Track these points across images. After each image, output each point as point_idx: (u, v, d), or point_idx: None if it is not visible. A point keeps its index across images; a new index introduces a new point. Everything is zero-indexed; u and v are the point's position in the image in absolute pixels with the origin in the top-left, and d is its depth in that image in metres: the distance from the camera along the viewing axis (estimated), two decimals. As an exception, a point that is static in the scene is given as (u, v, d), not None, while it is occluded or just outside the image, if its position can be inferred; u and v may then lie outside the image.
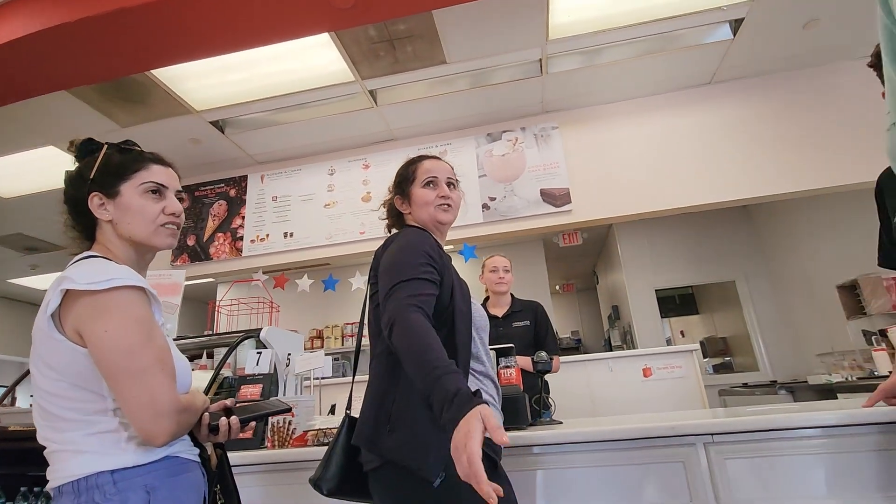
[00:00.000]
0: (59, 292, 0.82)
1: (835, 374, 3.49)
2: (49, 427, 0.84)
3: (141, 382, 0.81)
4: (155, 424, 0.80)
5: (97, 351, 0.81)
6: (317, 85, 3.03)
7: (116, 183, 0.96)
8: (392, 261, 1.08)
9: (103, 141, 1.02)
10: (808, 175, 3.04)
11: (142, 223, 0.96)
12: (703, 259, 5.16)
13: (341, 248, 3.49)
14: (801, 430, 1.28)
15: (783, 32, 2.84)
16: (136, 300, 0.85)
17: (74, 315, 0.82)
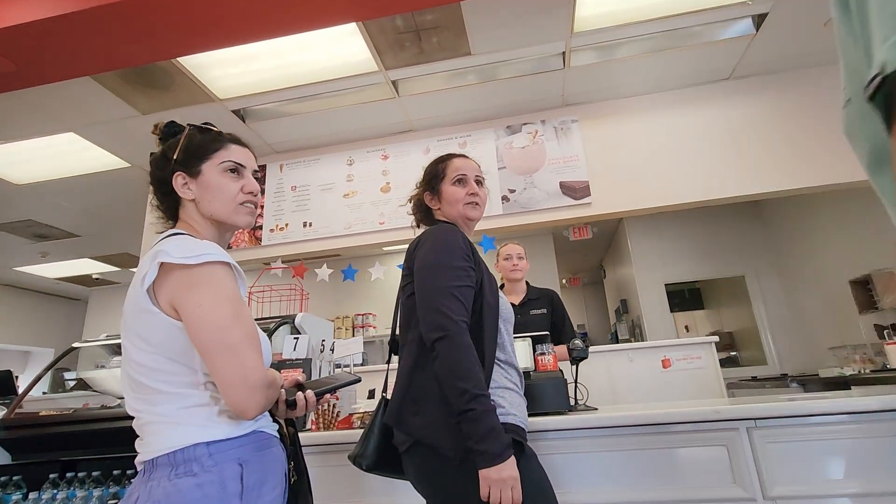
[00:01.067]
0: (156, 265, 0.84)
1: (846, 367, 3.55)
2: (140, 399, 0.87)
3: (233, 357, 0.82)
4: (248, 398, 0.82)
5: (191, 325, 0.83)
6: (340, 75, 3.04)
7: (198, 163, 0.99)
8: (431, 260, 1.15)
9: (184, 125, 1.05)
10: (820, 171, 3.07)
11: (222, 201, 0.99)
12: (713, 254, 5.20)
13: (361, 237, 3.51)
14: (841, 415, 1.32)
15: (804, 29, 2.86)
16: (226, 275, 0.88)
17: (169, 288, 0.84)
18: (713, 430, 1.39)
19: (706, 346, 2.90)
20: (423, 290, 1.12)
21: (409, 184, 3.53)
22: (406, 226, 3.61)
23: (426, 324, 1.07)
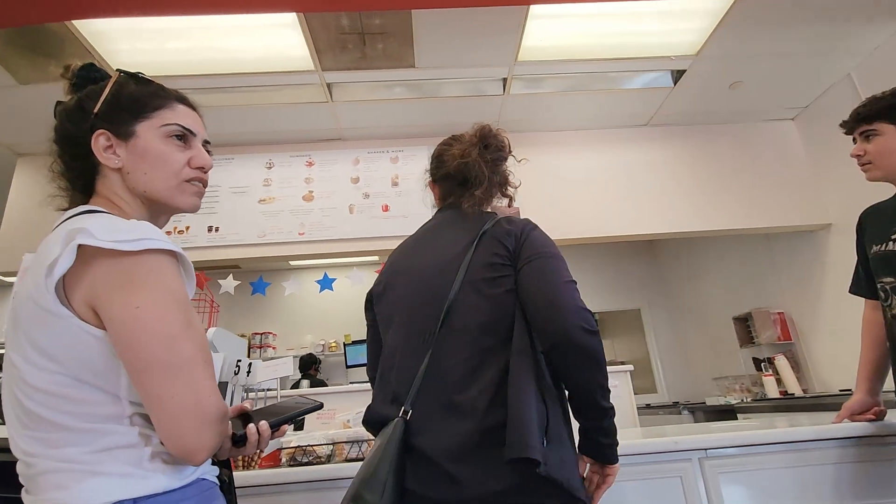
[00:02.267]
0: (72, 250, 0.60)
1: (729, 396, 3.92)
2: (35, 438, 0.61)
3: (184, 378, 0.61)
4: (198, 435, 0.61)
5: (123, 334, 0.60)
6: (270, 69, 2.78)
7: (131, 121, 0.76)
8: (556, 252, 1.00)
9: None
10: (712, 217, 3.41)
11: (163, 175, 0.76)
12: (614, 287, 5.57)
13: (276, 248, 3.18)
14: (785, 444, 1.38)
15: (714, 89, 3.20)
16: (173, 269, 0.66)
17: (90, 282, 0.61)
18: (669, 461, 1.37)
19: (622, 374, 3.00)
20: (558, 280, 0.94)
21: (333, 194, 3.33)
22: (330, 238, 3.35)
23: (573, 315, 0.90)
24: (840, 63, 3.04)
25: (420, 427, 0.90)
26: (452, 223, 1.11)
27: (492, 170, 1.11)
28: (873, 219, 1.38)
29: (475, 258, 1.00)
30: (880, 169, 1.29)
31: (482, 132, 1.13)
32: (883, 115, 1.26)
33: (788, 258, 3.71)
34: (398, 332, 1.03)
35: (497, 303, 0.96)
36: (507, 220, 1.06)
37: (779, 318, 3.72)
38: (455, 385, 0.91)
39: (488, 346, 0.94)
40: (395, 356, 1.01)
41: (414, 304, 1.03)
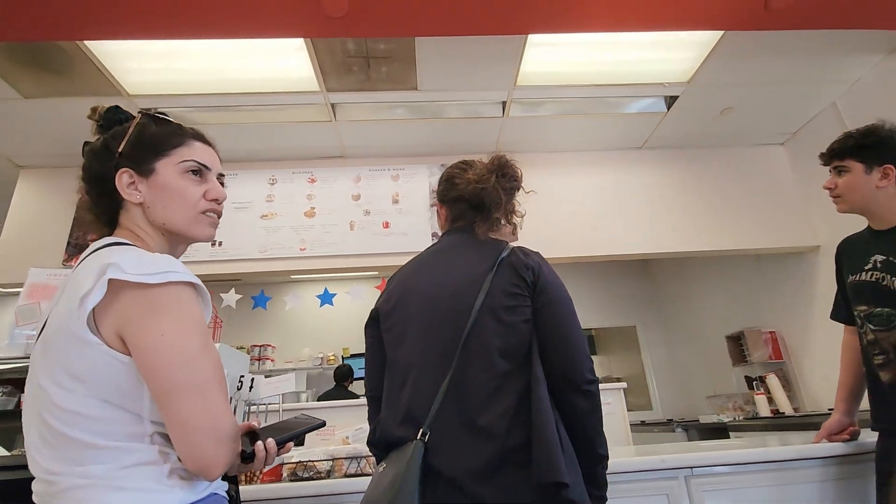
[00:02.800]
0: (104, 283, 0.66)
1: (722, 414, 3.96)
2: (61, 457, 0.66)
3: (203, 399, 0.67)
4: (215, 452, 0.67)
5: (149, 358, 0.66)
6: (276, 89, 2.86)
7: (152, 159, 0.82)
8: (566, 295, 1.07)
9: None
10: (705, 238, 3.49)
11: (181, 208, 0.83)
12: (610, 304, 5.63)
13: (277, 263, 3.24)
14: (768, 462, 1.43)
15: (706, 115, 3.31)
16: (193, 299, 0.73)
17: (119, 313, 0.67)
18: (656, 479, 1.42)
19: (615, 392, 3.05)
20: (574, 328, 1.03)
21: (335, 210, 3.41)
22: (331, 254, 3.42)
23: (583, 363, 0.99)
24: (826, 92, 3.16)
25: (439, 447, 0.91)
26: (466, 247, 1.13)
27: (507, 198, 1.16)
28: (849, 250, 1.46)
29: (494, 284, 1.02)
30: (847, 203, 1.38)
31: (500, 161, 1.17)
32: (852, 153, 1.34)
33: (779, 279, 3.79)
34: (413, 349, 1.03)
35: (515, 330, 1.00)
36: (522, 252, 1.10)
37: (770, 338, 3.78)
38: (477, 406, 0.93)
39: (506, 371, 0.97)
40: (410, 374, 1.01)
41: (431, 322, 1.03)
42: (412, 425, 0.94)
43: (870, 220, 1.40)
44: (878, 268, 1.32)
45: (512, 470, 0.89)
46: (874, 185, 1.32)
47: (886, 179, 1.31)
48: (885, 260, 1.31)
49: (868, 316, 1.33)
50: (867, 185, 1.33)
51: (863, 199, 1.35)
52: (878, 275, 1.31)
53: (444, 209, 1.24)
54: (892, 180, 1.31)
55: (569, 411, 0.97)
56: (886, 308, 1.28)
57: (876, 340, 1.31)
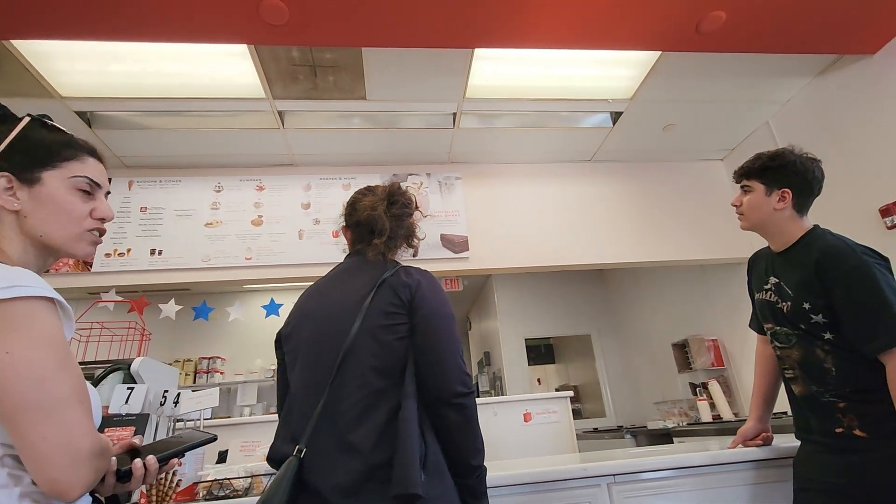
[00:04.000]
0: None
1: (668, 420, 4.07)
2: None
3: (55, 419, 0.64)
4: (71, 472, 0.64)
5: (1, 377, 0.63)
6: (220, 95, 2.80)
7: (38, 168, 0.79)
8: (447, 311, 1.10)
9: None
10: (651, 248, 3.61)
11: (64, 224, 0.79)
12: (566, 313, 5.73)
13: (222, 272, 3.15)
14: (688, 468, 1.47)
15: (649, 130, 3.43)
16: (49, 314, 0.69)
17: None
18: (580, 486, 1.44)
19: (562, 400, 3.09)
20: (446, 342, 1.06)
21: (283, 219, 3.35)
22: (276, 263, 3.35)
23: (454, 377, 1.03)
24: (759, 111, 3.33)
25: (314, 465, 0.96)
26: (357, 270, 1.19)
27: (396, 223, 1.21)
28: (755, 267, 1.53)
29: (373, 305, 1.08)
30: (748, 221, 1.44)
31: (390, 189, 1.24)
32: (757, 174, 1.40)
33: (720, 288, 3.95)
34: (301, 373, 1.09)
35: (390, 349, 1.04)
36: (405, 272, 1.15)
37: (713, 345, 3.93)
38: (348, 424, 0.97)
39: (380, 389, 1.01)
40: (298, 396, 1.06)
41: (315, 346, 1.09)
42: (293, 443, 1.00)
43: (768, 241, 1.46)
44: (772, 290, 1.38)
45: (375, 485, 0.92)
46: (772, 207, 1.37)
47: (783, 202, 1.36)
48: (777, 283, 1.37)
49: (773, 333, 1.40)
50: (766, 206, 1.38)
51: (761, 219, 1.40)
52: (772, 296, 1.38)
53: (349, 233, 1.29)
54: (788, 204, 1.36)
55: (440, 424, 1.02)
56: (784, 328, 1.35)
57: (782, 356, 1.38)
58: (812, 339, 1.27)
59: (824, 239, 1.31)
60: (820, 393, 1.27)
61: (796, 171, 1.37)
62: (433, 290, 1.13)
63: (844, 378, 1.22)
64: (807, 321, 1.27)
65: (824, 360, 1.25)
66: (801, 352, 1.31)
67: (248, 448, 1.60)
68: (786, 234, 1.39)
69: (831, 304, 1.22)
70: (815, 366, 1.27)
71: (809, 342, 1.28)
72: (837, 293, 1.20)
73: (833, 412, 1.24)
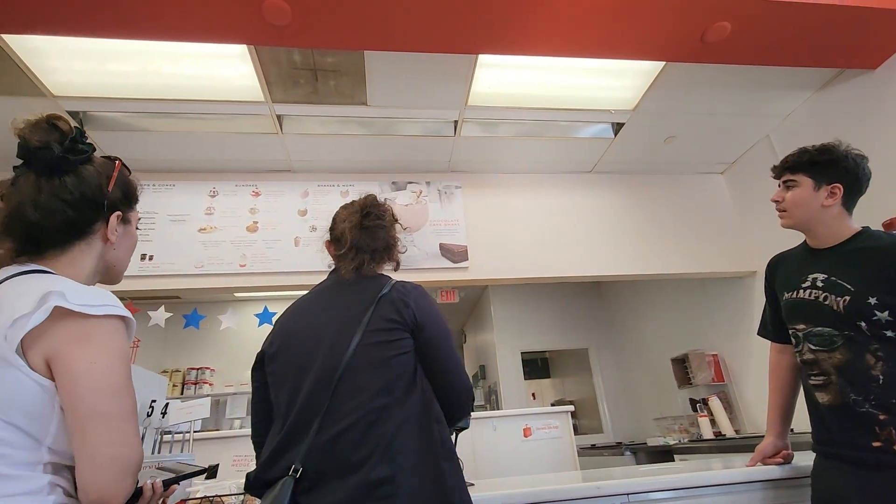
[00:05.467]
0: (47, 309, 0.69)
1: (668, 436, 4.00)
2: None
3: (120, 430, 0.70)
4: (120, 482, 0.69)
5: (78, 385, 0.69)
6: (218, 97, 2.74)
7: (131, 208, 0.94)
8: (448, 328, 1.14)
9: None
10: (650, 261, 3.57)
11: (129, 257, 0.94)
12: (564, 326, 5.66)
13: (215, 279, 3.06)
14: (702, 488, 1.40)
15: (651, 142, 3.41)
16: (123, 333, 0.77)
17: (54, 338, 0.70)
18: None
19: (563, 415, 3.02)
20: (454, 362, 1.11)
21: (279, 225, 3.27)
22: (271, 271, 3.27)
23: (463, 396, 1.11)
24: (760, 125, 3.33)
25: (310, 485, 0.91)
26: (345, 286, 1.16)
27: (369, 236, 1.18)
28: (783, 266, 1.46)
29: (372, 322, 1.06)
30: (792, 217, 1.37)
31: (364, 202, 1.23)
32: (805, 168, 1.34)
33: (720, 302, 3.91)
34: (292, 393, 1.03)
35: (392, 365, 1.03)
36: (401, 286, 1.14)
37: (713, 360, 3.87)
38: (349, 444, 0.94)
39: (382, 406, 0.98)
40: (288, 417, 1.00)
41: (309, 364, 1.04)
42: (285, 464, 0.94)
43: (808, 238, 1.39)
44: (819, 286, 1.29)
45: (375, 502, 0.88)
46: (820, 203, 1.31)
47: (832, 198, 1.31)
48: (826, 279, 1.28)
49: (807, 335, 1.31)
50: (814, 201, 1.32)
51: (807, 216, 1.34)
52: (817, 293, 1.29)
53: (332, 247, 1.27)
54: (837, 199, 1.31)
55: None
56: (827, 328, 1.26)
57: (815, 360, 1.28)
58: (864, 342, 1.19)
59: (891, 236, 1.25)
60: (859, 402, 1.18)
61: (847, 167, 1.31)
62: (431, 307, 1.14)
63: (891, 387, 1.15)
64: (868, 318, 1.19)
65: (873, 367, 1.17)
66: (845, 355, 1.22)
67: (241, 462, 1.51)
68: (834, 231, 1.32)
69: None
70: (860, 372, 1.19)
71: (859, 345, 1.20)
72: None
73: (871, 424, 1.16)
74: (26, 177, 0.80)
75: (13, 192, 0.79)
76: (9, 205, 0.78)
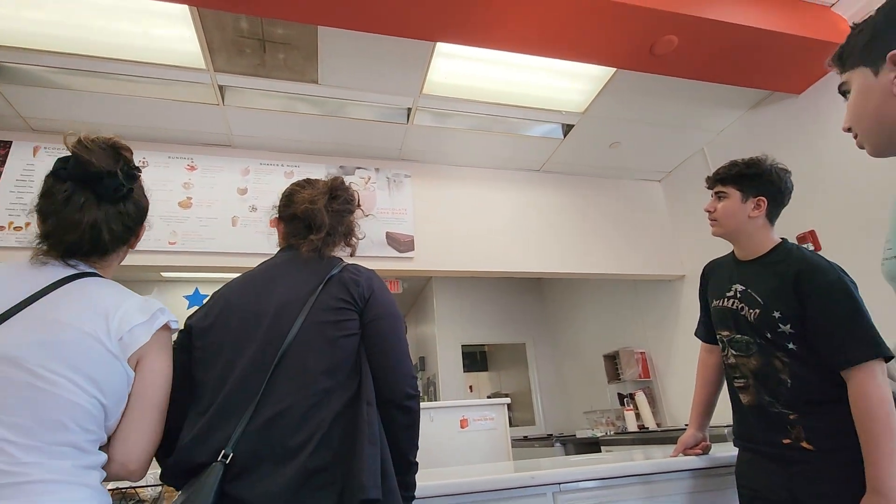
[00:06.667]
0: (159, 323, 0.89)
1: (596, 429, 4.18)
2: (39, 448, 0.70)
3: (160, 420, 0.88)
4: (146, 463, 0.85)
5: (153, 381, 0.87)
6: (152, 60, 2.53)
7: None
8: (398, 312, 1.10)
9: None
10: (590, 261, 3.70)
11: None
12: (504, 321, 5.77)
13: (139, 256, 2.84)
14: (629, 477, 1.47)
15: (598, 146, 3.53)
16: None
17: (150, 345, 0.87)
18: (526, 496, 1.39)
19: (500, 407, 3.07)
20: (400, 344, 1.07)
21: (216, 202, 3.09)
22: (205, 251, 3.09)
23: (406, 380, 1.04)
24: (697, 138, 3.53)
25: (241, 472, 0.85)
26: (297, 265, 1.12)
27: (336, 220, 1.16)
28: (715, 273, 1.55)
29: (320, 301, 1.03)
30: (722, 227, 1.45)
31: (333, 183, 1.20)
32: (734, 180, 1.42)
33: (650, 303, 4.13)
34: (224, 371, 0.96)
35: (338, 347, 1.00)
36: (353, 268, 1.12)
37: (641, 357, 4.09)
38: (288, 427, 0.90)
39: (326, 388, 0.95)
40: (218, 397, 0.93)
41: (249, 342, 0.98)
42: (212, 449, 0.88)
43: (736, 248, 1.48)
44: (739, 297, 1.38)
45: (310, 491, 0.85)
46: (747, 214, 1.40)
47: (758, 210, 1.39)
48: (744, 291, 1.37)
49: (730, 341, 1.40)
50: (741, 212, 1.40)
51: (735, 226, 1.42)
52: (737, 304, 1.38)
53: (282, 225, 1.23)
54: (762, 212, 1.39)
55: (388, 425, 1.00)
56: (745, 336, 1.35)
57: (737, 365, 1.38)
58: (773, 350, 1.29)
59: (802, 252, 1.34)
60: (771, 403, 1.29)
61: (772, 180, 1.40)
62: (384, 289, 1.12)
63: (798, 391, 1.25)
64: (773, 330, 1.28)
65: (781, 371, 1.27)
66: (759, 361, 1.32)
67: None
68: (757, 243, 1.40)
69: (803, 316, 1.23)
70: (770, 376, 1.29)
71: (769, 352, 1.30)
72: (815, 305, 1.22)
73: (782, 423, 1.26)
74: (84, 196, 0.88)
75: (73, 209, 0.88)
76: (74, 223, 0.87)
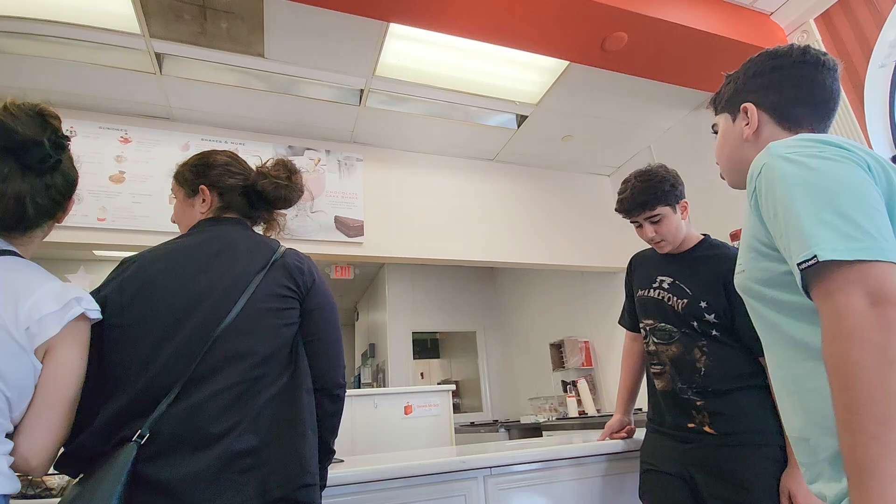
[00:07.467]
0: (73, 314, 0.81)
1: (539, 414, 4.31)
2: None
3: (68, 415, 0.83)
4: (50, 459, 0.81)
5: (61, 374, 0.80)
6: (82, 21, 2.35)
7: None
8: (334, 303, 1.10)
9: None
10: (539, 251, 3.78)
11: None
12: (455, 309, 5.82)
13: (64, 233, 2.65)
14: (557, 461, 1.51)
15: (550, 138, 3.58)
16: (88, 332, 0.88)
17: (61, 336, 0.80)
18: (457, 479, 1.41)
19: (444, 394, 3.10)
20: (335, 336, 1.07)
21: (151, 178, 2.92)
22: (137, 229, 2.93)
23: (339, 369, 1.05)
24: (644, 135, 3.64)
25: (159, 453, 0.81)
26: (234, 242, 1.05)
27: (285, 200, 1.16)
28: (641, 266, 1.61)
29: (263, 286, 0.99)
30: (671, 243, 1.49)
31: (293, 165, 1.18)
32: (661, 200, 1.45)
33: (595, 294, 4.27)
34: (142, 349, 0.89)
35: (276, 335, 0.97)
36: (294, 254, 1.09)
37: (584, 346, 4.23)
38: (213, 413, 0.85)
39: (258, 376, 0.92)
40: (129, 376, 0.87)
41: (177, 321, 0.91)
42: (128, 432, 0.82)
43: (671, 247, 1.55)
44: (665, 288, 1.46)
45: (234, 475, 0.83)
46: (681, 222, 1.49)
47: (685, 212, 1.50)
48: (672, 283, 1.46)
49: (653, 329, 1.48)
50: (679, 222, 1.48)
51: (679, 235, 1.49)
52: (664, 294, 1.46)
53: (214, 195, 1.13)
54: (687, 212, 1.50)
55: (317, 412, 1.00)
56: (668, 325, 1.43)
57: (656, 352, 1.46)
58: (695, 338, 1.37)
59: (729, 249, 1.45)
60: (683, 390, 1.37)
61: (679, 183, 1.49)
62: (321, 278, 1.11)
63: (709, 379, 1.33)
64: (700, 318, 1.37)
65: (698, 360, 1.36)
66: (678, 349, 1.40)
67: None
68: (685, 240, 1.51)
69: (729, 310, 1.34)
70: (687, 364, 1.37)
71: (691, 341, 1.38)
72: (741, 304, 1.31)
73: (689, 409, 1.35)
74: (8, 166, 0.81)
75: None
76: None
